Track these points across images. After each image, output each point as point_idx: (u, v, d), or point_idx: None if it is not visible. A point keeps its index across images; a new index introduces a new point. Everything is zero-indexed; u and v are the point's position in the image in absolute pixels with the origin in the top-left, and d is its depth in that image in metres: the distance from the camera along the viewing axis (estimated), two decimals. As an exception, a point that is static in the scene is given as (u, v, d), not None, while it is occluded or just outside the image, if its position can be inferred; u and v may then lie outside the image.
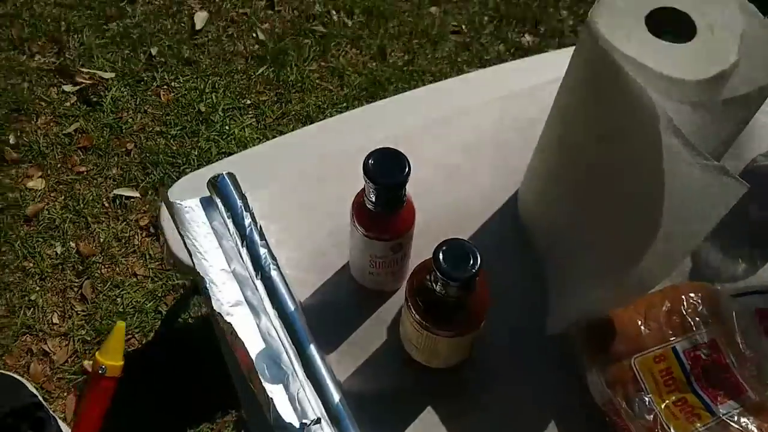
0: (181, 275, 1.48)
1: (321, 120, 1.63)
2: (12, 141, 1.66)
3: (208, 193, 0.79)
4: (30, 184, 1.60)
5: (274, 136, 1.66)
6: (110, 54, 1.81)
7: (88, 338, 1.41)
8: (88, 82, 1.75)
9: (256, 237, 0.75)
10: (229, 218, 0.77)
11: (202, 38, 1.86)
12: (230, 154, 1.61)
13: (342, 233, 0.74)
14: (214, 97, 1.74)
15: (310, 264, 0.77)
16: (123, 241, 1.53)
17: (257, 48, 1.85)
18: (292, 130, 1.65)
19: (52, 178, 1.61)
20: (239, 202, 0.77)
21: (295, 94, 1.76)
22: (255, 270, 0.73)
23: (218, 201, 0.78)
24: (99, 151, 1.65)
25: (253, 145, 1.64)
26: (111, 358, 1.15)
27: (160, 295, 1.45)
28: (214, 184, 0.78)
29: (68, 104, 1.73)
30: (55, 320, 1.43)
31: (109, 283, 1.47)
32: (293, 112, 1.73)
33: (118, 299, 1.45)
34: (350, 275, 0.76)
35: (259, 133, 1.69)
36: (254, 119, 1.72)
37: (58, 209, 1.57)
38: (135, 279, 1.48)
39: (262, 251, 0.74)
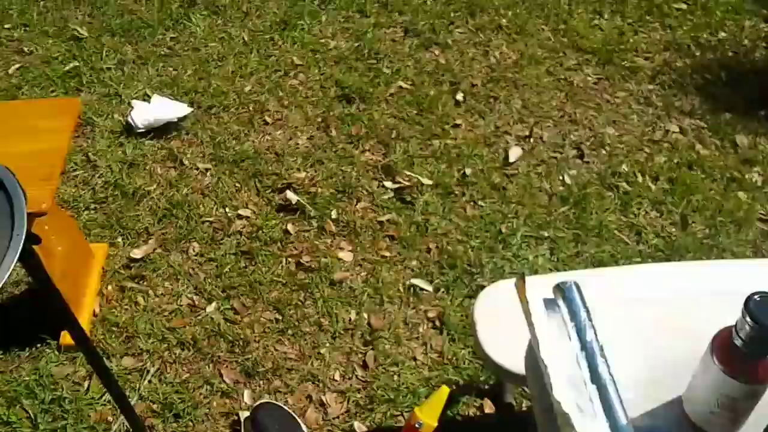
0: (457, 373, 1.55)
1: (610, 267, 1.68)
2: (334, 216, 1.90)
3: (551, 296, 0.85)
4: (340, 254, 1.81)
5: (565, 270, 1.72)
6: (429, 165, 2.04)
7: (362, 403, 1.51)
8: (406, 183, 1.97)
9: (596, 349, 0.79)
10: (571, 324, 0.82)
11: (513, 170, 2.02)
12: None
13: (677, 368, 0.76)
14: (514, 222, 1.87)
15: (643, 388, 0.79)
16: (410, 325, 1.65)
17: (562, 189, 1.97)
18: (583, 269, 1.71)
19: (359, 254, 1.81)
20: (583, 313, 0.82)
21: (592, 238, 1.83)
22: (592, 378, 0.77)
23: (562, 305, 0.84)
24: (404, 243, 1.83)
25: (543, 273, 1.71)
26: (429, 417, 1.22)
27: (434, 384, 1.53)
28: (561, 289, 0.85)
29: (385, 197, 1.95)
30: (336, 377, 1.57)
31: (389, 359, 1.58)
32: (587, 254, 1.79)
33: (395, 376, 1.55)
34: (681, 409, 0.76)
35: (552, 264, 1.77)
36: (548, 251, 1.81)
37: (360, 282, 1.75)
38: (414, 363, 1.58)
39: (601, 363, 0.78)
